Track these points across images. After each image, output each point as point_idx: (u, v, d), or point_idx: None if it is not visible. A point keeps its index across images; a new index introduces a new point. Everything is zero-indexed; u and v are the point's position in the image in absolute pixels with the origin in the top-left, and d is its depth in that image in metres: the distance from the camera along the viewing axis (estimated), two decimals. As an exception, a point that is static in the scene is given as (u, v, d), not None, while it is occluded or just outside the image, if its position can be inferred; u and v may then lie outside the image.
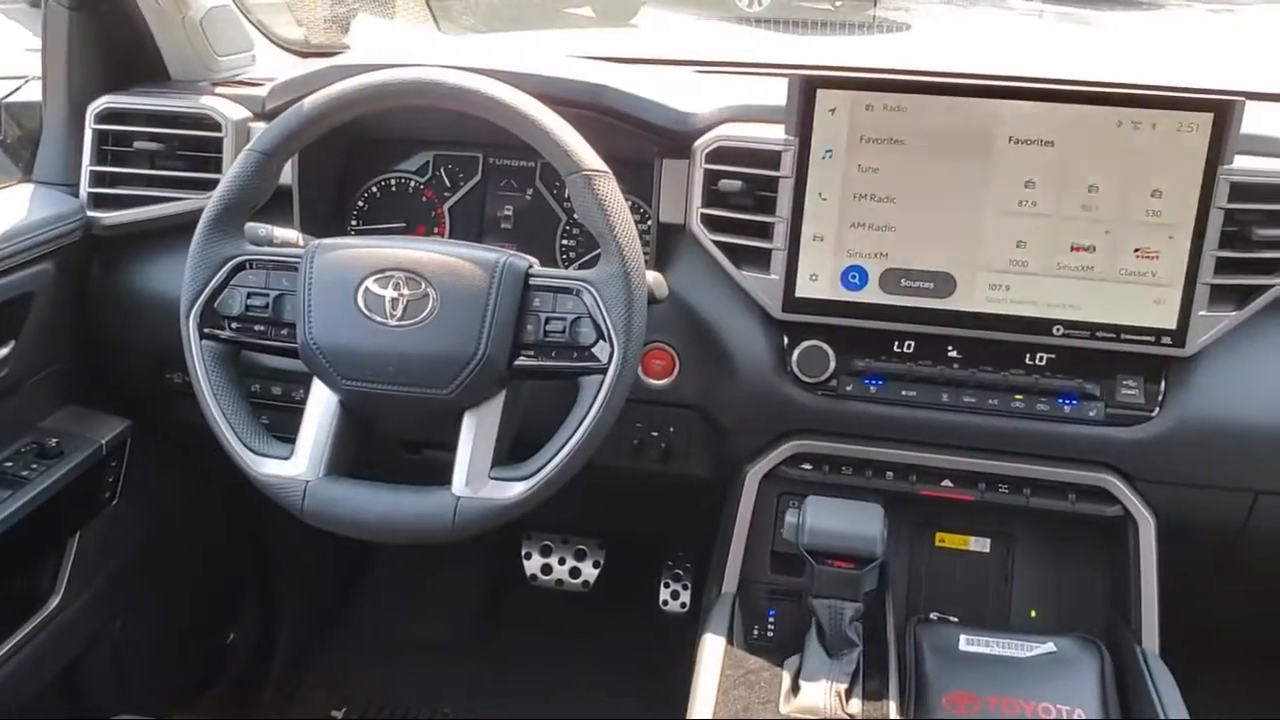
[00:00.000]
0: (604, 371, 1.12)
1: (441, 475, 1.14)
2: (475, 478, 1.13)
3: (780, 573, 1.37)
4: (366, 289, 1.14)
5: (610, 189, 1.15)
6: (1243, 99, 1.16)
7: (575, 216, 1.29)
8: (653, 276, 1.22)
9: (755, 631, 1.30)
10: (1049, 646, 1.25)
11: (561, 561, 2.00)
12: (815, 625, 1.22)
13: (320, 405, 1.17)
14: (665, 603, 1.95)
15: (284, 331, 1.18)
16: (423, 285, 1.14)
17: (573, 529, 2.02)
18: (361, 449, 1.21)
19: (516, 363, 1.14)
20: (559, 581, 2.01)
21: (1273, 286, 1.22)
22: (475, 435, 1.14)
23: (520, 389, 1.20)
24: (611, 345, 1.12)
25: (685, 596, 1.95)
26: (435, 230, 1.53)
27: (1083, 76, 1.33)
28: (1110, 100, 1.18)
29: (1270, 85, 1.52)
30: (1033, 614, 1.39)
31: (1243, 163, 1.19)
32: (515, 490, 1.13)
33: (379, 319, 1.13)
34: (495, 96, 1.17)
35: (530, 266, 1.17)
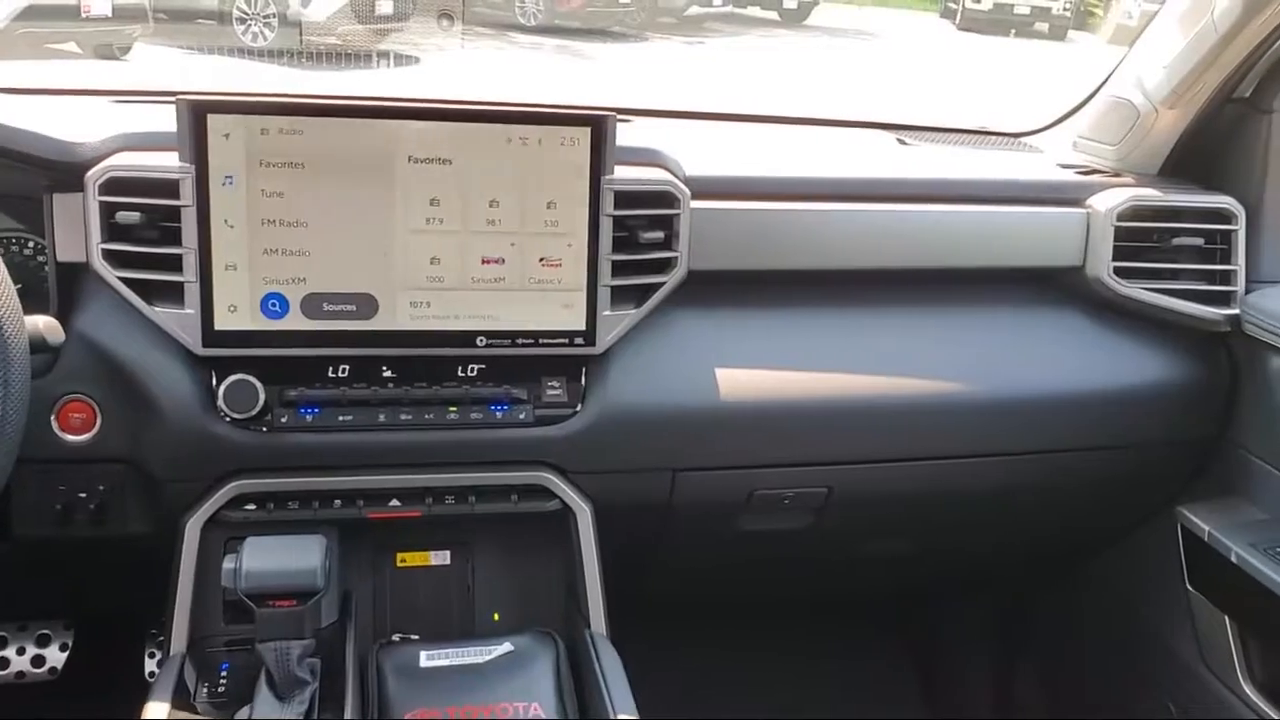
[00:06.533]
0: None
1: None
2: None
3: (236, 622, 1.30)
4: None
5: None
6: (614, 114, 1.27)
7: None
8: (43, 321, 1.11)
9: (206, 689, 1.22)
10: (506, 647, 1.30)
11: (21, 651, 1.77)
12: (265, 671, 1.17)
13: None
14: (152, 674, 1.79)
15: None
16: None
17: (32, 613, 1.79)
18: None
19: None
20: (20, 674, 1.77)
21: (664, 284, 1.35)
22: None
23: None
24: None
25: (175, 664, 1.80)
26: None
27: (511, 98, 1.40)
28: (497, 118, 1.24)
29: (639, 101, 1.70)
30: (496, 617, 1.43)
31: (624, 173, 1.30)
32: None
33: None
34: None
35: None
